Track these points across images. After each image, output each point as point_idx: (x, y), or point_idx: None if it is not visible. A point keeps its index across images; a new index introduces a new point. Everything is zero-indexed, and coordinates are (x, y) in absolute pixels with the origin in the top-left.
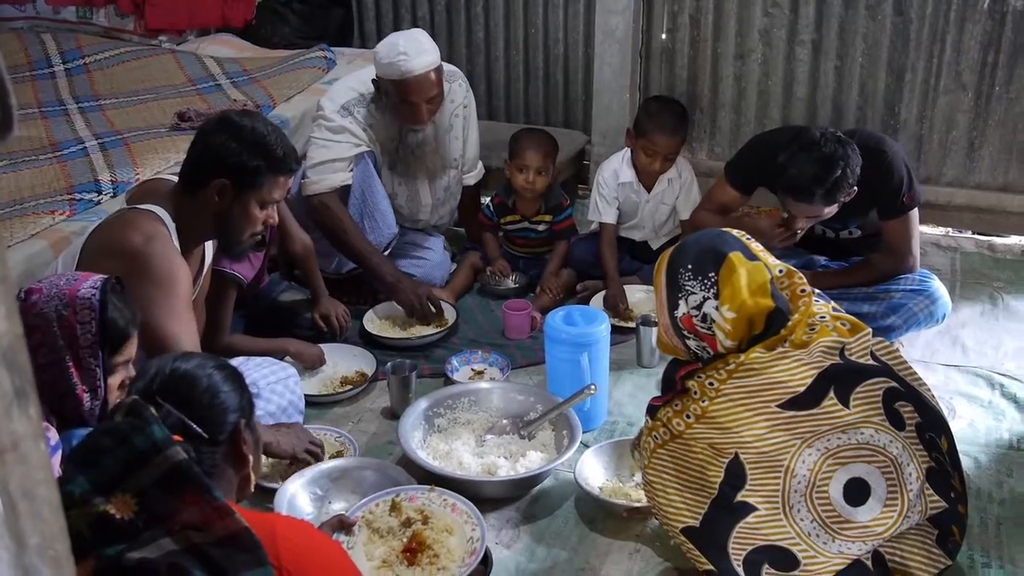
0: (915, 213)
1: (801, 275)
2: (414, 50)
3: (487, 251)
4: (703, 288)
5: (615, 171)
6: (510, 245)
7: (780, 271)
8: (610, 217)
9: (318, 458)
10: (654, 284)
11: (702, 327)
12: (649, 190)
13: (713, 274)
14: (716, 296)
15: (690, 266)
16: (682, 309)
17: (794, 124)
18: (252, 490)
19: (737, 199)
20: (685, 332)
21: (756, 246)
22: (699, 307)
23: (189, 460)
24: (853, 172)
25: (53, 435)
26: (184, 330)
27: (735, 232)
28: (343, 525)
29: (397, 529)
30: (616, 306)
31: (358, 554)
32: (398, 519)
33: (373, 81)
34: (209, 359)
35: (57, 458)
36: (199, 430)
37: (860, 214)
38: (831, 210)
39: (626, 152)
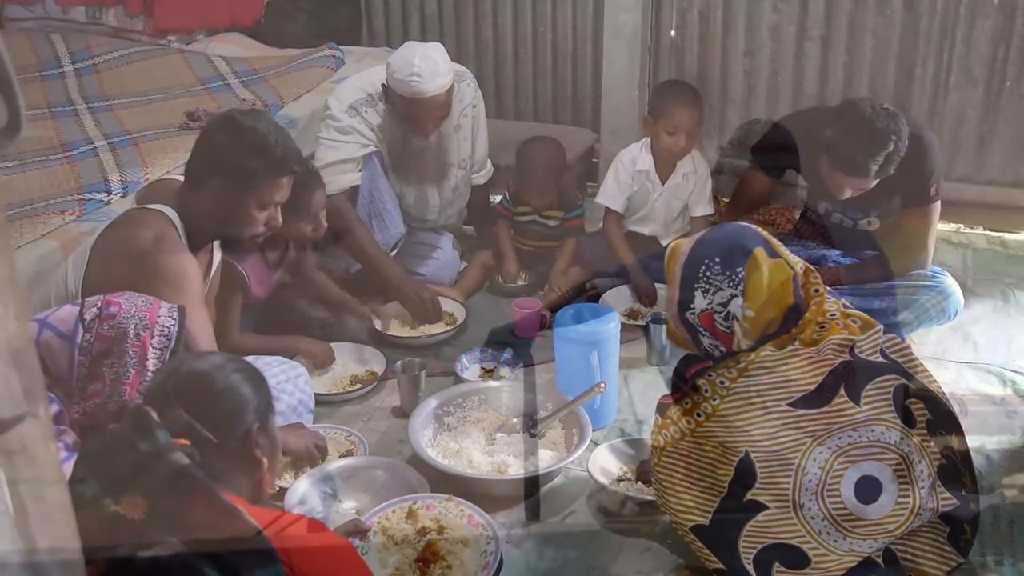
0: (937, 208)
1: (817, 274)
2: (428, 72)
3: (500, 244)
4: (731, 284)
5: (633, 157)
6: (519, 238)
7: (800, 268)
8: (617, 205)
9: (324, 453)
10: (667, 273)
11: (723, 325)
12: (664, 182)
13: (740, 269)
14: (742, 293)
15: (718, 259)
16: (701, 304)
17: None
18: (269, 493)
19: (767, 186)
20: (701, 329)
21: (776, 242)
22: (725, 304)
23: (191, 465)
24: (904, 144)
25: (70, 437)
26: (199, 329)
27: (755, 227)
28: (358, 530)
29: (412, 537)
30: (646, 292)
31: (372, 560)
32: (414, 527)
33: (383, 85)
34: (229, 360)
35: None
36: (207, 433)
37: (886, 198)
38: (876, 180)
39: (646, 141)
